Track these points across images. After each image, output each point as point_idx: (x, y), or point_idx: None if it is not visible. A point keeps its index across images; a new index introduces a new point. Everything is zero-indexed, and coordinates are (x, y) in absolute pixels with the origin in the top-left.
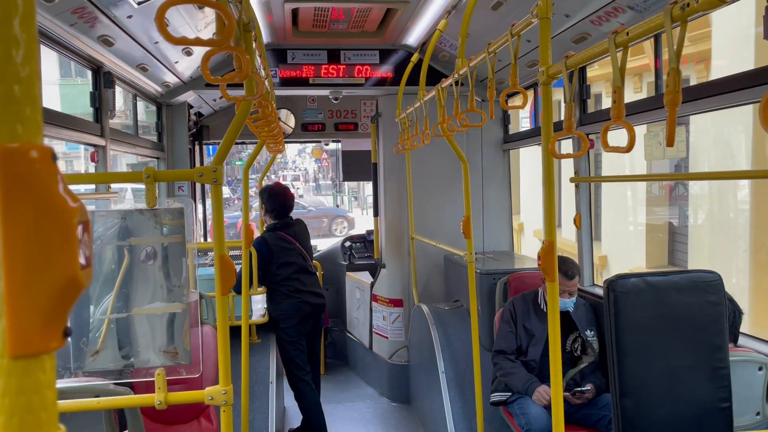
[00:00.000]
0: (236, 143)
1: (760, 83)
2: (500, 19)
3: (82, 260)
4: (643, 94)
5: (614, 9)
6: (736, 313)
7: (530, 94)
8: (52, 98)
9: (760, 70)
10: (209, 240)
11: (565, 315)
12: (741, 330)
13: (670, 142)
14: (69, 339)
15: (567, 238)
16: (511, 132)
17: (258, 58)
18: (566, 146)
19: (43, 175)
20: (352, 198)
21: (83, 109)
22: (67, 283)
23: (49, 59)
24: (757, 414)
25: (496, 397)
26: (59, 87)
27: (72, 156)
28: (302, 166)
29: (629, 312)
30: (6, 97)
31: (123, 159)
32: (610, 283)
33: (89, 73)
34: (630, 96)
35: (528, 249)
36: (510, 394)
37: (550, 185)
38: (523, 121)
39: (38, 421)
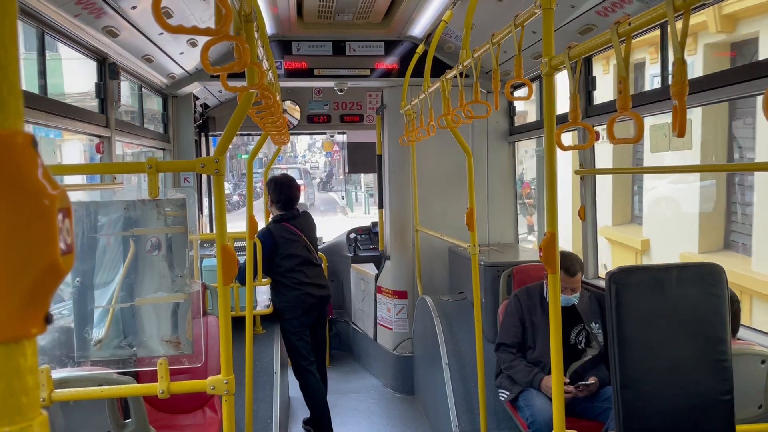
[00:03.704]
0: (241, 135)
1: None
2: (505, 10)
3: (62, 246)
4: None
5: None
6: (733, 303)
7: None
8: None
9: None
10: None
11: (570, 307)
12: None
13: (681, 133)
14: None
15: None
16: (517, 124)
17: (261, 48)
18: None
19: (22, 162)
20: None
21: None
22: (47, 269)
23: None
24: (759, 407)
25: (501, 394)
26: None
27: None
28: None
29: (631, 304)
30: None
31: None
32: (612, 275)
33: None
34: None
35: None
36: (510, 392)
37: (553, 177)
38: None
39: (19, 406)
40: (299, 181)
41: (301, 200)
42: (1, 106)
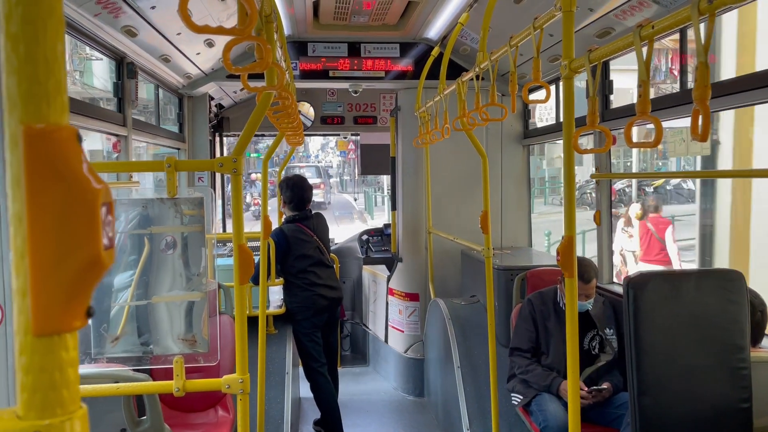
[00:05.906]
0: (255, 135)
1: None
2: (523, 12)
3: (105, 241)
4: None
5: (639, 3)
6: (761, 313)
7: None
8: None
9: None
10: (228, 231)
11: (584, 313)
12: None
13: (704, 137)
14: (90, 322)
15: None
16: (532, 127)
17: (279, 49)
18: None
19: (68, 156)
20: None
21: None
22: (90, 263)
23: None
24: None
25: (514, 399)
26: None
27: None
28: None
29: (649, 310)
30: (32, 78)
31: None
32: (630, 280)
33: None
34: None
35: None
36: (523, 396)
37: (571, 181)
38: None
39: (60, 398)
40: (317, 180)
41: (320, 200)
42: (49, 101)
